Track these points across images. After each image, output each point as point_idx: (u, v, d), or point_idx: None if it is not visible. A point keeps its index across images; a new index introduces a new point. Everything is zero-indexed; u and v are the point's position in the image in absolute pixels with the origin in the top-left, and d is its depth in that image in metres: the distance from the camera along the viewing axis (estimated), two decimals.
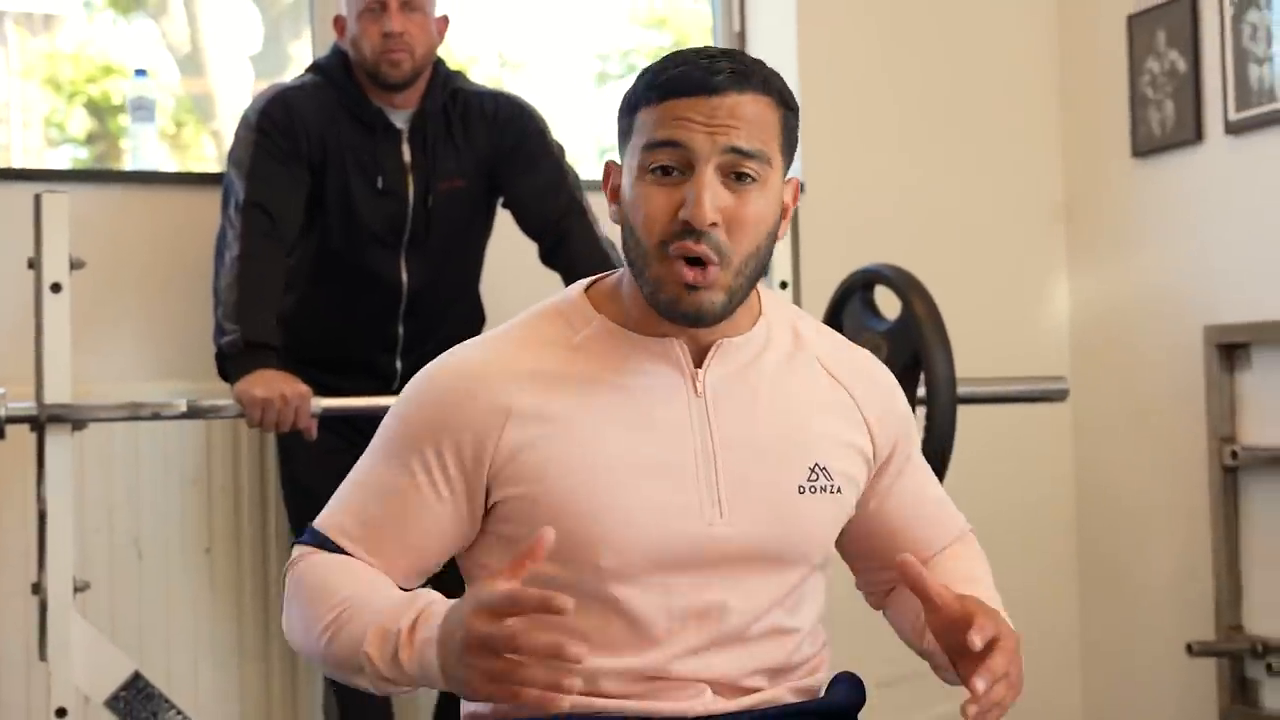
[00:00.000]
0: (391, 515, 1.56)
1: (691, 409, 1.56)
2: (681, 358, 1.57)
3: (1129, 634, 3.63)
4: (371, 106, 2.87)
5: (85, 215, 2.88)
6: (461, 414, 1.53)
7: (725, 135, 1.49)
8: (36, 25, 5.13)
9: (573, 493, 1.52)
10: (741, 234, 1.51)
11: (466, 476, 1.54)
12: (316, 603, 1.53)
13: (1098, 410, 3.71)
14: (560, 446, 1.53)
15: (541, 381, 1.54)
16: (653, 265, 1.52)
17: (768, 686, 1.60)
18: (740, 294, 1.54)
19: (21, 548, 2.63)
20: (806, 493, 1.58)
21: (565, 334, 1.58)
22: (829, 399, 1.63)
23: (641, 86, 1.54)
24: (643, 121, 1.53)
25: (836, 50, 3.67)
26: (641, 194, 1.52)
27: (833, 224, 3.49)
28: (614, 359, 1.56)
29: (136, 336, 3.12)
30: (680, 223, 1.49)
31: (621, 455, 1.53)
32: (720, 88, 1.50)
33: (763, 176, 1.52)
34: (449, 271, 2.96)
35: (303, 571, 1.57)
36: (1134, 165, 3.57)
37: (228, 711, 3.10)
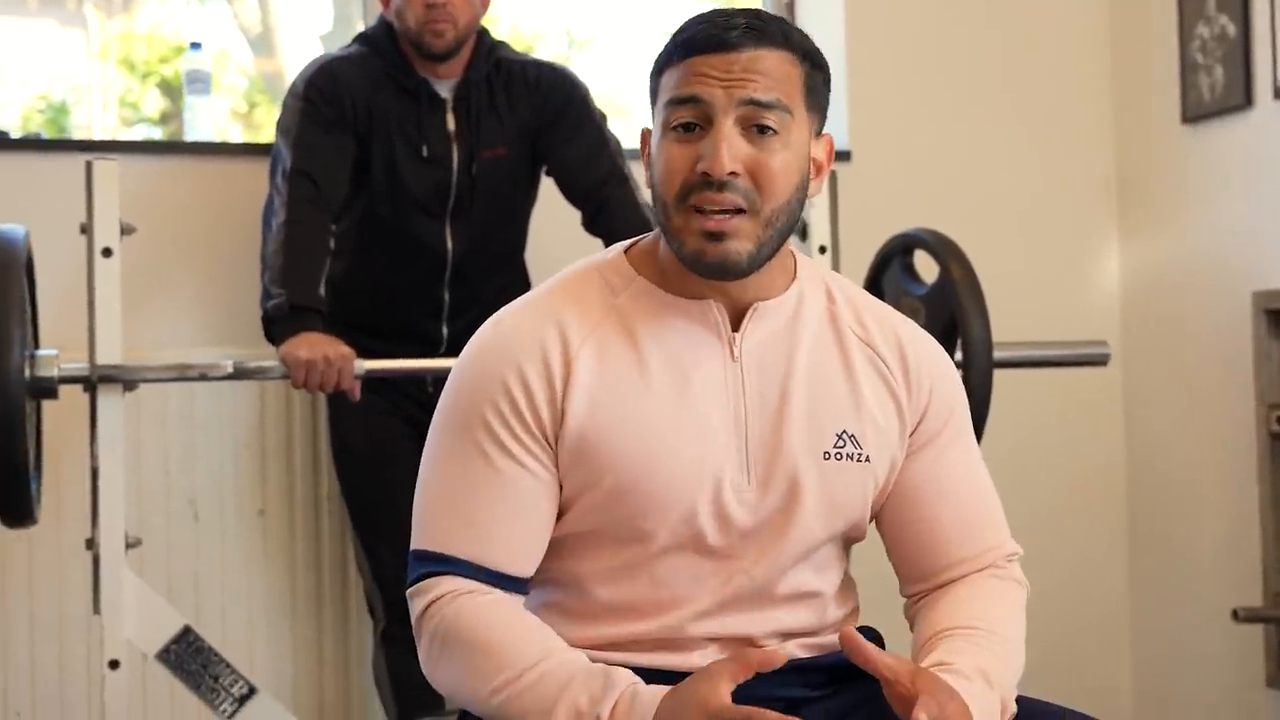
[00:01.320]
0: (503, 504, 1.55)
1: (727, 373, 1.58)
2: (719, 321, 1.58)
3: (1178, 601, 3.61)
4: (416, 76, 2.92)
5: (139, 185, 2.97)
6: (516, 374, 1.55)
7: (742, 88, 1.51)
8: (115, 8, 5.24)
9: (619, 457, 1.54)
10: (768, 184, 1.52)
11: (544, 431, 1.55)
12: (480, 657, 1.50)
13: (1147, 378, 3.69)
14: (606, 410, 1.55)
15: (587, 342, 1.56)
16: (674, 218, 1.53)
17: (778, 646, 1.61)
18: (770, 246, 1.55)
19: (81, 506, 2.72)
20: (832, 459, 1.58)
21: (604, 293, 1.60)
22: (862, 364, 1.62)
23: (665, 48, 1.58)
24: (666, 82, 1.56)
25: (884, 18, 3.67)
26: (664, 150, 1.54)
27: (879, 191, 3.50)
28: (653, 321, 1.58)
29: (188, 303, 3.20)
30: (699, 174, 1.51)
31: (661, 420, 1.55)
32: (736, 43, 1.52)
33: (784, 128, 1.53)
34: (493, 238, 3.01)
35: (452, 619, 1.53)
36: (1184, 131, 3.54)
37: (280, 669, 3.18)
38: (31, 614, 3.06)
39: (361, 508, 2.99)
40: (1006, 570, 1.67)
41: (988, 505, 1.69)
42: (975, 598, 1.63)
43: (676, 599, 1.58)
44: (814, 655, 1.63)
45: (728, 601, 1.59)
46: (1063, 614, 3.63)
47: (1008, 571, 1.68)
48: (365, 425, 2.94)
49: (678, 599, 1.58)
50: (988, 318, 2.71)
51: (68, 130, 4.26)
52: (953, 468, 1.65)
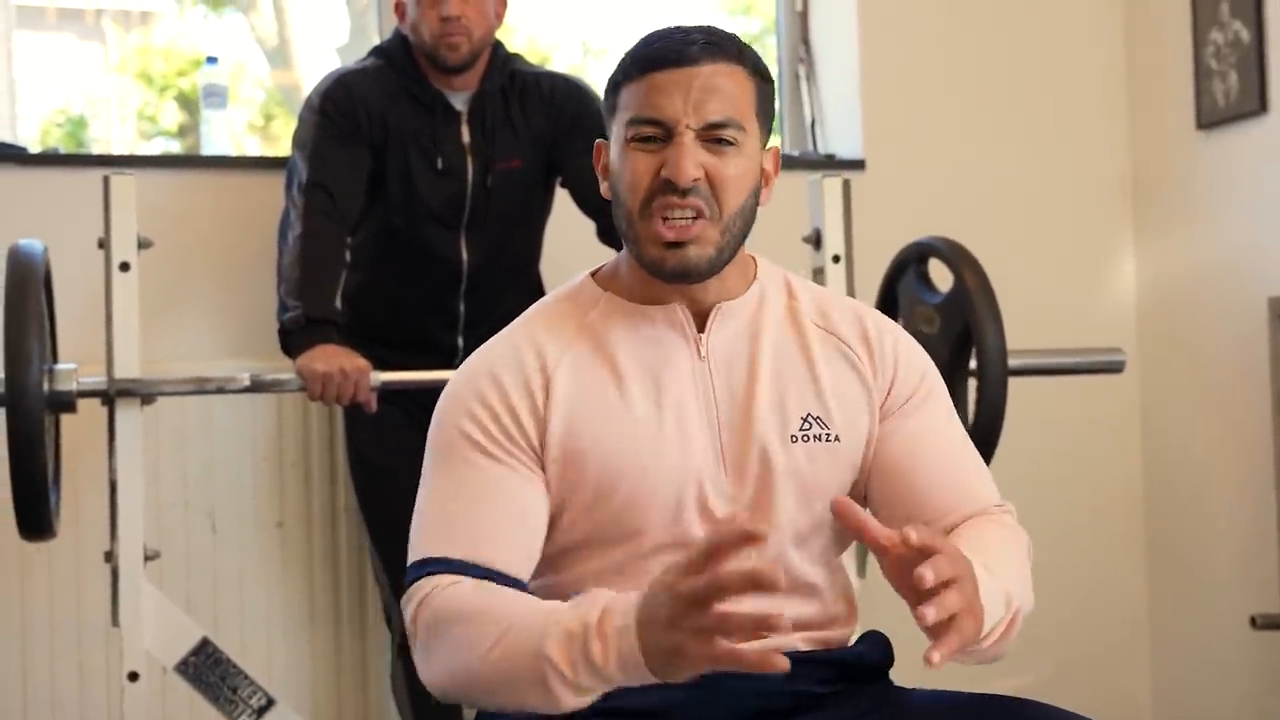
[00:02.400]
0: (489, 509, 1.58)
1: (696, 372, 1.64)
2: (685, 322, 1.65)
3: (1196, 608, 3.60)
4: (431, 89, 2.93)
5: (156, 199, 2.98)
6: (503, 389, 1.61)
7: (700, 109, 1.58)
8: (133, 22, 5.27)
9: (602, 463, 1.60)
10: (726, 191, 1.60)
11: (529, 440, 1.60)
12: (470, 625, 1.50)
13: (1164, 384, 3.69)
14: (586, 419, 1.60)
15: (565, 357, 1.63)
16: (636, 224, 1.61)
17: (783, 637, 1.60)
18: (728, 251, 1.62)
19: (101, 519, 2.73)
20: (799, 441, 1.63)
21: (575, 314, 1.67)
22: (824, 350, 1.68)
23: (624, 64, 1.64)
24: (625, 98, 1.62)
25: (898, 26, 3.67)
26: (628, 160, 1.61)
27: (892, 199, 3.50)
28: (623, 330, 1.65)
29: (205, 315, 3.22)
30: (662, 181, 1.58)
31: (639, 424, 1.61)
32: (694, 59, 1.59)
33: (739, 141, 1.60)
34: (508, 250, 3.02)
35: (441, 605, 1.53)
36: (1198, 138, 3.54)
37: (299, 681, 3.19)
38: (51, 626, 3.07)
39: (378, 519, 3.00)
40: (1001, 513, 1.68)
41: (971, 465, 1.71)
42: (972, 526, 1.64)
43: None
44: (821, 649, 1.64)
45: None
46: (1081, 622, 3.62)
47: (1002, 514, 1.68)
48: (381, 437, 2.95)
49: None
50: (1003, 326, 2.71)
51: (85, 144, 4.29)
52: (930, 433, 1.69)
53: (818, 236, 2.89)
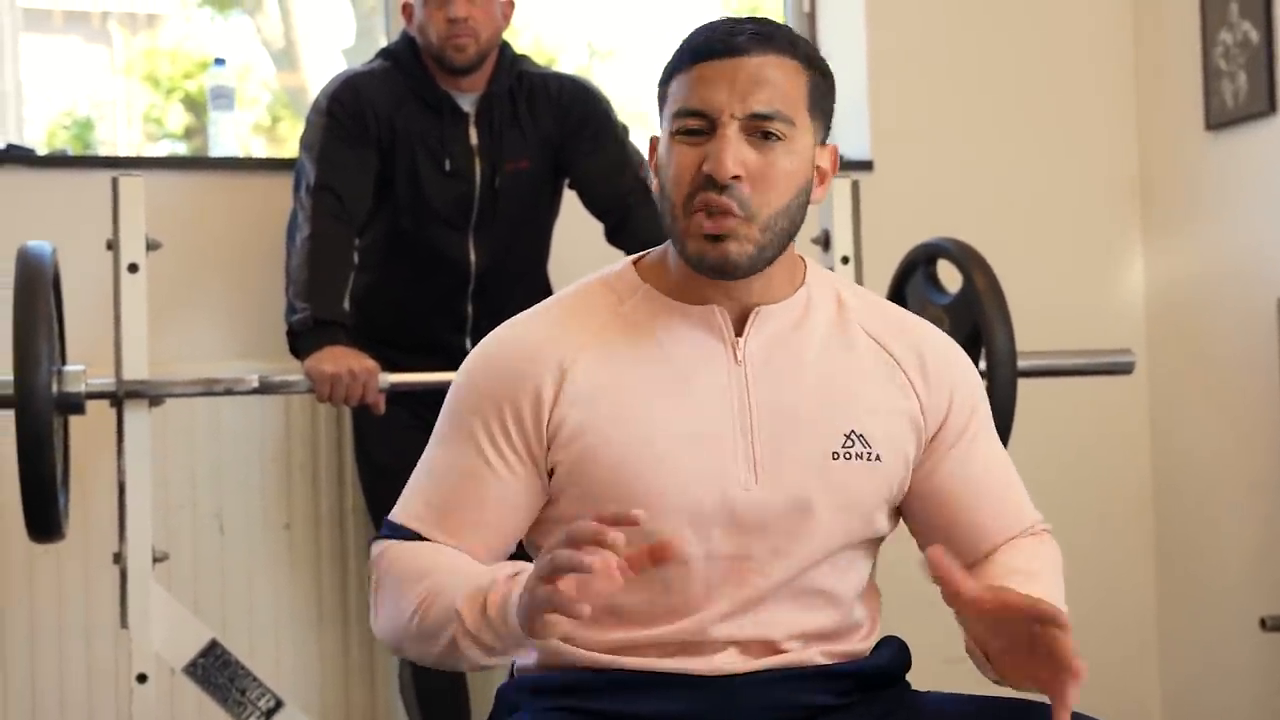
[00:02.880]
0: (465, 494, 1.59)
1: (731, 376, 1.59)
2: (722, 325, 1.60)
3: (1205, 610, 3.60)
4: (438, 90, 2.93)
5: (164, 200, 2.98)
6: (516, 382, 1.58)
7: (745, 100, 1.53)
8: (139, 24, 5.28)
9: (620, 461, 1.56)
10: (768, 189, 1.54)
11: (529, 442, 1.58)
12: (406, 585, 1.55)
13: (1173, 384, 3.68)
14: (608, 414, 1.57)
15: (590, 348, 1.59)
16: (679, 220, 1.56)
17: (801, 649, 1.61)
18: (770, 250, 1.56)
19: (109, 520, 2.73)
20: (840, 459, 1.58)
21: (612, 303, 1.62)
22: (873, 365, 1.63)
23: (673, 57, 1.60)
24: (674, 90, 1.58)
25: (906, 26, 3.67)
26: (673, 153, 1.56)
27: (901, 200, 3.50)
28: (658, 327, 1.60)
29: (214, 317, 3.22)
30: (704, 176, 1.53)
31: (664, 424, 1.57)
32: (743, 49, 1.54)
33: (788, 136, 1.55)
34: (516, 251, 3.02)
35: (387, 564, 1.59)
36: (1207, 138, 3.53)
37: (307, 682, 3.19)
38: (60, 628, 3.08)
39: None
40: (1041, 537, 1.70)
41: (1013, 490, 1.70)
42: (1018, 549, 1.65)
43: (690, 603, 1.58)
44: (837, 662, 1.63)
45: (746, 604, 1.58)
46: (1090, 624, 3.59)
47: (1041, 538, 1.70)
48: (389, 438, 2.94)
49: (692, 603, 1.58)
50: (1012, 327, 2.70)
51: (93, 146, 4.30)
52: (979, 466, 1.66)
53: (826, 238, 2.89)
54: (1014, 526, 1.67)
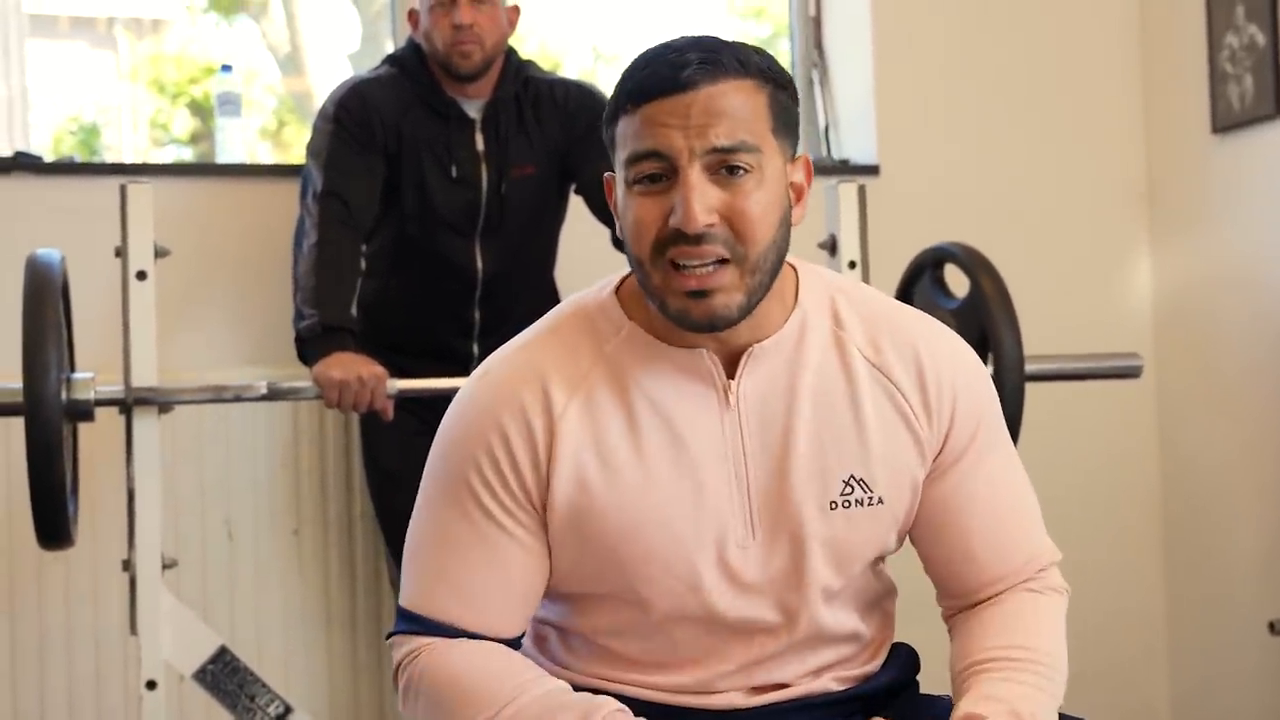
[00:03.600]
0: (488, 570, 1.50)
1: (724, 424, 1.50)
2: (712, 370, 1.50)
3: (1214, 614, 3.59)
4: (445, 96, 2.93)
5: (172, 207, 2.99)
6: (507, 430, 1.48)
7: (703, 135, 1.40)
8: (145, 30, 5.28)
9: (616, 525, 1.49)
10: (748, 228, 1.42)
11: (529, 492, 1.49)
12: (452, 701, 1.46)
13: (1181, 388, 3.68)
14: (599, 474, 1.48)
15: (577, 397, 1.49)
16: (652, 276, 1.44)
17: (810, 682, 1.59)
18: (760, 291, 1.45)
19: (118, 527, 2.74)
20: (839, 508, 1.51)
21: (593, 341, 1.52)
22: (872, 396, 1.52)
23: (616, 96, 1.46)
24: (622, 133, 1.45)
25: (912, 30, 3.67)
26: (630, 206, 1.44)
27: (908, 205, 3.50)
28: (643, 373, 1.50)
29: (222, 324, 3.22)
30: (672, 230, 1.41)
31: (657, 483, 1.49)
32: (691, 82, 1.41)
33: (756, 165, 1.43)
34: (523, 257, 3.02)
35: (427, 666, 1.49)
36: (1214, 141, 3.53)
37: (316, 688, 3.20)
38: (69, 635, 3.08)
39: (395, 527, 3.00)
40: (1043, 580, 1.61)
41: (1022, 516, 1.61)
42: (1013, 616, 1.57)
43: (700, 660, 1.55)
44: (848, 687, 1.61)
45: (753, 662, 1.56)
46: (1099, 628, 3.61)
47: (1045, 581, 1.61)
48: (398, 444, 2.95)
49: (701, 660, 1.55)
50: (1019, 332, 2.70)
51: (99, 151, 4.30)
52: (983, 484, 1.57)
53: (833, 243, 2.89)
54: (1015, 562, 1.59)
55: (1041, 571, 1.62)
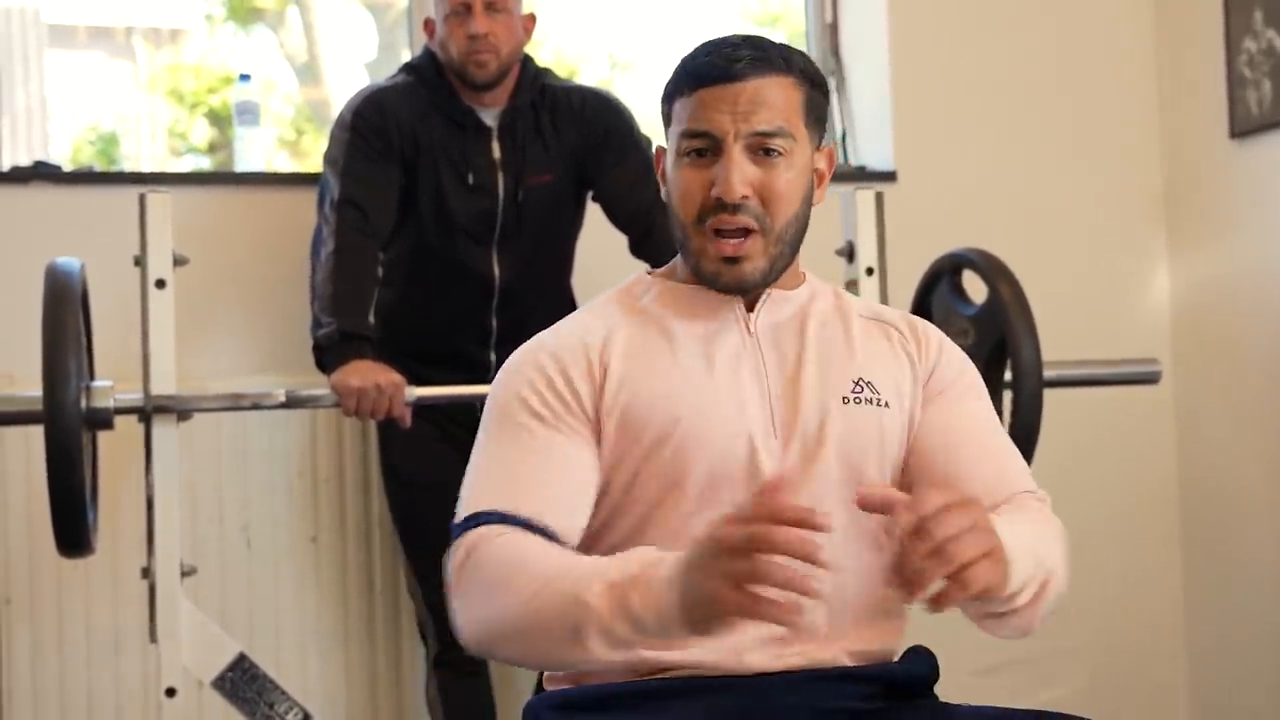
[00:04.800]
0: (543, 469, 1.60)
1: (745, 345, 1.69)
2: (734, 304, 1.71)
3: (1233, 616, 3.58)
4: (462, 105, 2.94)
5: (190, 216, 3.00)
6: (558, 356, 1.65)
7: (748, 120, 1.64)
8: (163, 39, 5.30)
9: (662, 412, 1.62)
10: (776, 203, 1.66)
11: (582, 402, 1.63)
12: (506, 580, 1.51)
13: (1199, 395, 3.67)
14: (644, 373, 1.65)
15: (620, 329, 1.68)
16: (692, 239, 1.68)
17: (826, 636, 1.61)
18: (782, 260, 1.69)
19: (137, 535, 2.74)
20: (851, 403, 1.67)
21: (628, 301, 1.74)
22: (869, 334, 1.74)
23: (675, 77, 1.71)
24: (678, 111, 1.69)
25: (928, 37, 3.67)
26: (678, 175, 1.68)
27: (925, 211, 3.50)
28: (675, 308, 1.71)
29: (240, 332, 3.23)
30: (714, 199, 1.64)
31: (693, 384, 1.65)
32: (741, 75, 1.65)
33: (789, 151, 1.66)
34: (540, 265, 3.02)
35: (486, 554, 1.54)
36: (1232, 146, 3.52)
37: (334, 694, 3.20)
38: (88, 642, 3.09)
39: (413, 534, 3.01)
40: (1035, 497, 1.68)
41: (1005, 450, 1.73)
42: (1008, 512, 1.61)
43: None
44: (864, 664, 1.63)
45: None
46: (1119, 630, 3.61)
47: (1031, 503, 1.66)
48: (416, 452, 2.95)
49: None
50: (1037, 338, 2.70)
51: (117, 161, 4.31)
52: (970, 420, 1.72)
53: (851, 249, 2.89)
54: (998, 486, 1.66)
55: (1031, 495, 1.68)
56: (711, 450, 1.62)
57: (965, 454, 1.70)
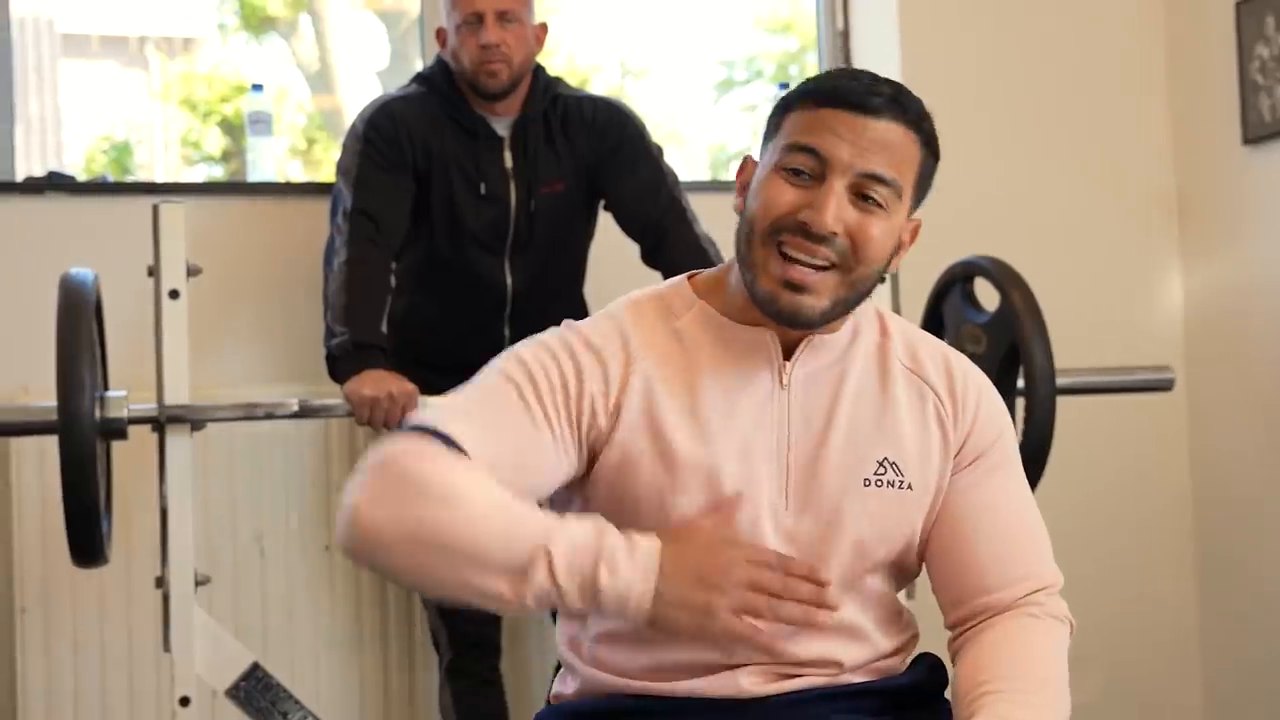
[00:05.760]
0: (510, 428, 1.53)
1: (774, 399, 1.59)
2: (771, 349, 1.59)
3: (1248, 627, 3.57)
4: (474, 114, 2.95)
5: (203, 225, 3.00)
6: (581, 356, 1.57)
7: (864, 157, 1.52)
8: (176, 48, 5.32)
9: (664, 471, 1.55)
10: (864, 249, 1.53)
11: (580, 416, 1.55)
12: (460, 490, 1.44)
13: (1212, 402, 3.66)
14: (659, 421, 1.56)
15: (649, 354, 1.58)
16: (756, 250, 1.55)
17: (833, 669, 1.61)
18: (842, 307, 1.57)
19: (151, 544, 2.75)
20: (872, 485, 1.59)
21: (665, 316, 1.62)
22: (906, 393, 1.63)
23: (800, 90, 1.59)
24: (792, 122, 1.56)
25: (940, 42, 3.67)
26: (768, 183, 1.55)
27: (936, 218, 3.46)
28: (708, 344, 1.60)
29: (253, 342, 3.24)
30: (798, 222, 1.52)
31: (710, 434, 1.56)
32: (877, 109, 1.54)
33: (890, 205, 1.54)
34: (552, 273, 3.03)
35: (412, 457, 1.47)
36: (1245, 152, 3.52)
37: (347, 703, 3.20)
38: (102, 652, 3.09)
39: None
40: (1045, 607, 1.64)
41: (1028, 534, 1.66)
42: (1010, 642, 1.60)
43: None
44: (870, 679, 1.63)
45: (774, 631, 1.57)
46: (1132, 642, 3.60)
47: (1046, 608, 1.64)
48: None
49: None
50: (1050, 345, 2.70)
51: (131, 170, 4.33)
52: (993, 494, 1.64)
53: None
54: (1014, 574, 1.63)
55: (1042, 594, 1.65)
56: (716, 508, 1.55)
57: (979, 533, 1.63)
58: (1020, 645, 1.60)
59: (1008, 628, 1.61)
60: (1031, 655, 1.59)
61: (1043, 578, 1.65)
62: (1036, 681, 1.57)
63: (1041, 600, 1.64)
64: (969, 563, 1.63)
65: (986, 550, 1.63)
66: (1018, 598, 1.63)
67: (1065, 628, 1.65)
